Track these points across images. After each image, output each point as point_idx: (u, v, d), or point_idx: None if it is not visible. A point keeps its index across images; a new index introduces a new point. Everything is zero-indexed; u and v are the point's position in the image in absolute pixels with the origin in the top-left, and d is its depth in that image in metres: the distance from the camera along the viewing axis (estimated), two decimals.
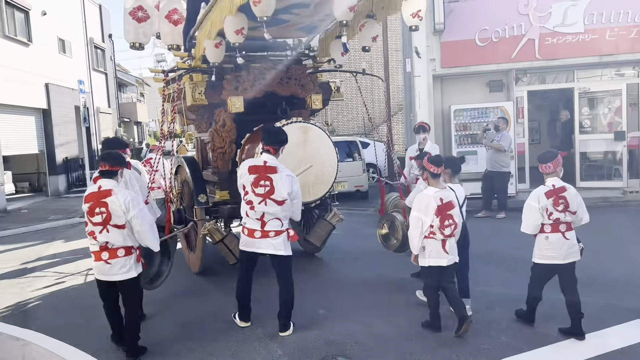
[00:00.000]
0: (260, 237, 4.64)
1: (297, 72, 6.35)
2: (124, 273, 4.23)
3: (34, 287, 6.72)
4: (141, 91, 47.70)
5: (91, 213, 4.14)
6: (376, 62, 23.55)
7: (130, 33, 5.98)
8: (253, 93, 6.05)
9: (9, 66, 14.93)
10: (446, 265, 4.60)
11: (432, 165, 4.58)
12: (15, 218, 12.88)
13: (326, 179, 5.82)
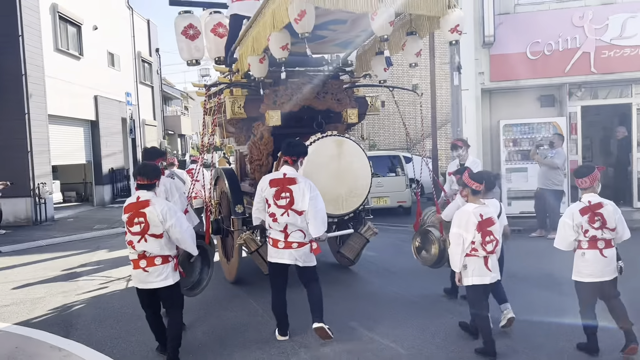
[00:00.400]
0: (284, 248, 4.72)
1: (333, 87, 6.44)
2: (161, 281, 4.30)
3: (78, 295, 6.72)
4: (185, 104, 48.72)
5: (130, 223, 4.24)
6: (423, 74, 23.25)
7: (184, 51, 6.34)
8: (290, 107, 6.18)
9: (61, 79, 15.38)
10: (488, 284, 4.49)
11: (474, 182, 4.51)
12: (62, 226, 13.15)
13: (360, 192, 5.78)
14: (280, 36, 4.94)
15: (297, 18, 4.29)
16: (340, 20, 5.35)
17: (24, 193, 13.27)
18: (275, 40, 4.96)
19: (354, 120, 6.45)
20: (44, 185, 13.67)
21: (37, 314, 6.03)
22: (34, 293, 6.97)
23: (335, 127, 6.42)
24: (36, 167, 13.50)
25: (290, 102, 6.16)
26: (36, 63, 13.78)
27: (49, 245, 10.96)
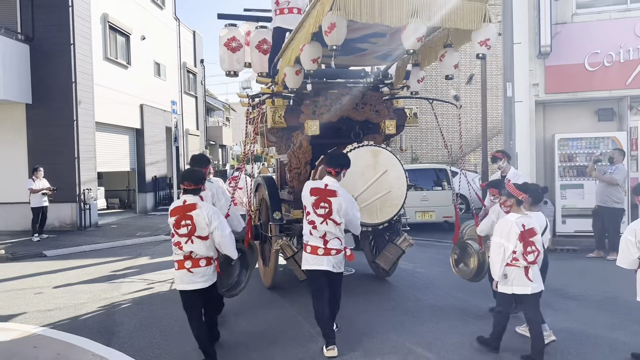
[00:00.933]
0: (323, 255, 4.81)
1: (372, 98, 6.56)
2: (204, 282, 4.50)
3: (120, 302, 6.63)
4: (227, 116, 49.36)
5: (177, 225, 4.41)
6: (462, 85, 22.75)
7: (226, 62, 6.59)
8: (329, 117, 6.32)
9: (109, 87, 15.65)
10: (530, 294, 4.47)
11: (520, 192, 4.51)
12: (106, 232, 13.26)
13: (394, 202, 5.85)
14: (312, 49, 5.10)
15: (327, 30, 4.42)
16: (380, 34, 5.46)
17: (69, 198, 13.46)
18: (307, 53, 5.12)
19: (392, 132, 6.51)
20: (89, 191, 13.86)
21: (79, 320, 5.95)
22: (77, 298, 6.92)
23: (373, 138, 6.50)
24: (82, 173, 13.71)
25: (329, 112, 6.31)
26: (86, 71, 14.05)
27: (92, 250, 11.02)
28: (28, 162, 13.36)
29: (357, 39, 5.54)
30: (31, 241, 11.83)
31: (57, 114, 13.36)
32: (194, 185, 4.52)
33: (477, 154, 22.52)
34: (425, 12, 4.52)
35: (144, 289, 7.37)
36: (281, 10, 6.79)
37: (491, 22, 4.81)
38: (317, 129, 6.16)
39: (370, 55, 6.49)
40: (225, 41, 6.49)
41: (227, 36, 6.50)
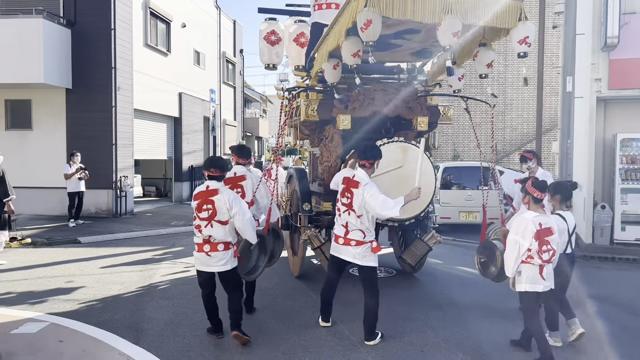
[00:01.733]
0: (343, 244, 4.92)
1: (405, 95, 6.51)
2: (222, 265, 4.68)
3: (151, 296, 6.33)
4: (264, 108, 49.25)
5: (199, 209, 4.61)
6: (496, 83, 21.79)
7: (265, 55, 6.74)
8: (361, 112, 6.34)
9: (148, 74, 15.50)
10: (541, 292, 4.51)
11: (535, 190, 4.48)
12: (141, 221, 13.11)
13: (422, 198, 5.61)
14: (352, 43, 5.14)
15: (362, 27, 4.46)
16: (415, 30, 5.45)
17: (106, 185, 13.36)
18: (347, 47, 5.17)
19: (424, 128, 6.49)
20: (125, 179, 13.73)
21: (108, 313, 5.65)
22: (107, 289, 6.65)
23: (405, 134, 6.47)
24: (119, 160, 13.58)
25: (361, 107, 6.34)
26: (126, 57, 13.90)
27: (126, 239, 10.84)
28: (66, 147, 13.30)
29: (391, 35, 5.58)
30: (67, 227, 11.76)
31: (96, 99, 13.25)
32: (219, 172, 4.71)
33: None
34: (459, 8, 4.52)
35: (176, 283, 7.05)
36: (319, 6, 6.88)
37: (527, 20, 4.80)
38: (348, 123, 6.22)
39: (405, 52, 6.52)
40: (265, 35, 6.58)
41: (267, 30, 6.57)
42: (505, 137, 21.85)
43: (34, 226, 11.74)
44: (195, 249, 4.76)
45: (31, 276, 7.33)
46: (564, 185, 5.02)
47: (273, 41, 6.65)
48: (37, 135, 13.51)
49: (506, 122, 21.98)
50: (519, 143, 21.78)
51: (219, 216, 4.58)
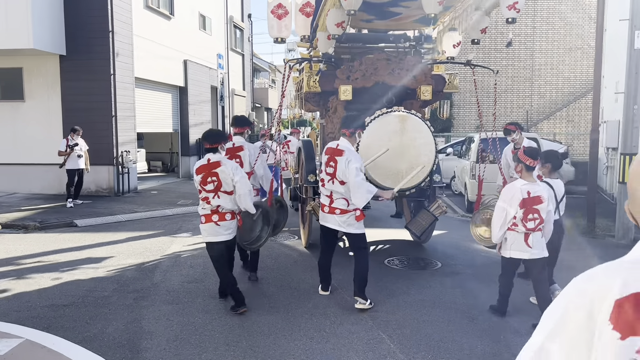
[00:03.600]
0: (328, 213, 5.02)
1: (409, 64, 6.42)
2: (229, 234, 4.85)
3: (152, 300, 5.24)
4: (273, 77, 47.72)
5: (204, 182, 4.72)
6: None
7: (274, 28, 6.64)
8: (363, 83, 6.27)
9: (150, 39, 14.23)
10: (529, 259, 4.56)
11: (528, 158, 4.48)
12: (145, 199, 12.05)
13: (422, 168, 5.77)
14: (337, 13, 5.14)
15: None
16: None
17: (106, 161, 12.26)
18: (332, 17, 5.19)
19: (428, 97, 6.40)
20: (127, 154, 12.61)
21: (98, 326, 4.56)
22: (100, 289, 5.57)
23: (410, 104, 6.41)
24: (120, 133, 12.44)
25: (363, 77, 6.26)
26: (124, 20, 12.62)
27: (128, 221, 9.78)
28: (62, 120, 12.18)
29: (388, 3, 5.49)
30: (64, 207, 10.72)
31: (93, 67, 12.03)
32: (216, 144, 4.80)
33: (552, 122, 20.22)
34: None
35: (182, 280, 5.97)
36: None
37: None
38: (349, 93, 6.19)
39: (408, 19, 6.42)
40: (272, 8, 6.57)
41: (274, 3, 6.55)
42: (533, 104, 20.42)
43: (28, 207, 10.71)
44: (202, 221, 4.85)
45: (11, 272, 6.26)
46: (554, 155, 5.11)
47: (280, 14, 6.63)
48: (30, 106, 12.37)
49: (533, 90, 20.51)
50: (547, 111, 20.37)
51: (224, 187, 4.73)
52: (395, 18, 6.30)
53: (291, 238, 8.14)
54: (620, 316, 1.02)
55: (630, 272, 1.07)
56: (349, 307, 5.03)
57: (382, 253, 7.32)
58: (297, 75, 8.02)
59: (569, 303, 1.10)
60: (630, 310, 1.02)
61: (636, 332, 1.01)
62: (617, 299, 1.04)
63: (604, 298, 1.05)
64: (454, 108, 20.33)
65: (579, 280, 1.13)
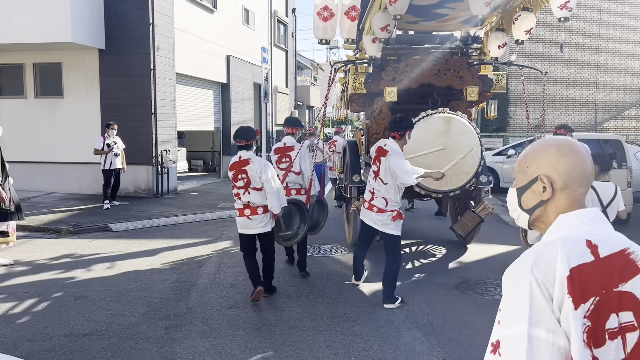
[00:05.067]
0: (367, 209, 5.15)
1: (456, 64, 6.36)
2: (262, 227, 5.06)
3: (185, 330, 4.45)
4: (315, 75, 47.02)
5: (235, 179, 4.99)
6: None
7: (319, 30, 6.69)
8: (408, 84, 6.23)
9: (192, 33, 13.60)
10: None
11: None
12: (184, 201, 11.40)
13: (466, 169, 5.72)
14: (382, 17, 5.18)
15: (391, 0, 4.58)
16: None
17: (145, 160, 11.67)
18: (377, 21, 5.24)
19: (474, 98, 6.34)
20: (167, 153, 12.00)
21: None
22: (127, 314, 4.81)
23: (456, 105, 6.39)
24: (160, 131, 11.83)
25: (409, 78, 6.22)
26: (166, 12, 12.00)
27: (166, 225, 9.12)
28: (101, 117, 11.66)
29: (434, 5, 5.50)
30: (101, 209, 10.18)
31: (133, 61, 11.46)
32: (245, 142, 4.96)
33: (619, 122, 18.63)
34: None
35: (221, 304, 5.17)
36: None
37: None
38: (395, 95, 6.19)
39: (454, 20, 6.39)
40: (319, 10, 6.65)
41: (321, 5, 6.63)
42: (597, 103, 18.88)
43: (64, 208, 10.22)
44: (237, 215, 5.11)
45: (33, 287, 5.60)
46: (603, 156, 5.02)
47: (326, 17, 6.68)
48: (68, 103, 11.91)
49: (598, 86, 18.96)
50: (613, 110, 18.79)
51: (253, 184, 4.93)
52: (442, 19, 6.28)
53: (342, 252, 7.28)
54: (573, 288, 1.18)
55: (567, 248, 1.23)
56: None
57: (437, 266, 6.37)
58: (343, 77, 8.11)
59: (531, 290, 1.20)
60: (577, 281, 1.19)
61: (585, 299, 1.18)
62: (567, 275, 1.19)
63: (554, 278, 1.20)
64: (510, 106, 19.04)
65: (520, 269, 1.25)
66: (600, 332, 1.18)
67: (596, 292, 1.19)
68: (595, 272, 1.20)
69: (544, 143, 1.37)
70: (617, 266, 1.22)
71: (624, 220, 9.19)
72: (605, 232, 1.28)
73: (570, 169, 1.31)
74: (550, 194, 1.32)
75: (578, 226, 1.28)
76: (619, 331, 1.19)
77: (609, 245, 1.25)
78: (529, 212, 1.38)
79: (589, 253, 1.22)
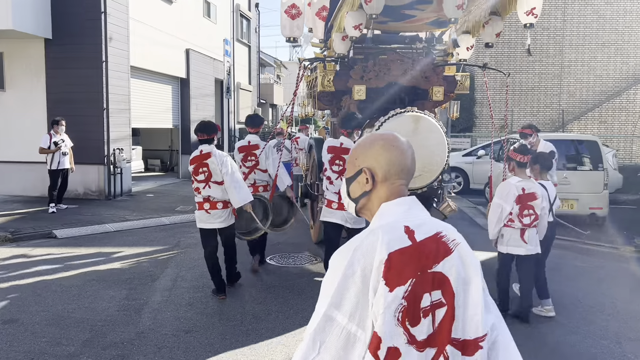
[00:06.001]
0: (337, 209, 5.17)
1: (421, 65, 6.45)
2: (220, 222, 5.10)
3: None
4: (278, 73, 46.28)
5: (196, 172, 5.01)
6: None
7: (286, 28, 6.70)
8: (377, 83, 6.30)
9: (148, 24, 12.76)
10: (524, 255, 4.68)
11: (518, 154, 4.71)
12: (139, 204, 10.59)
13: (434, 168, 5.73)
14: (355, 16, 5.26)
15: (367, 0, 4.60)
16: (427, 0, 5.40)
17: (96, 159, 10.79)
18: (350, 20, 5.31)
19: (439, 98, 6.48)
20: (121, 152, 11.15)
21: None
22: (65, 342, 4.09)
23: (422, 104, 6.46)
24: (112, 128, 10.96)
25: (377, 78, 6.29)
26: (120, 0, 11.14)
27: (118, 231, 8.33)
28: (47, 112, 10.73)
29: (404, 6, 5.57)
30: (45, 212, 9.29)
31: (83, 52, 10.57)
32: (207, 136, 5.04)
33: (583, 123, 18.69)
34: None
35: (178, 326, 4.51)
36: None
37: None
38: (363, 93, 6.23)
39: (421, 22, 6.48)
40: (286, 8, 6.69)
41: (288, 3, 6.66)
42: (562, 104, 18.90)
43: (3, 211, 9.30)
44: (196, 208, 5.12)
45: None
46: (544, 156, 5.24)
47: (294, 14, 6.70)
48: (10, 96, 10.91)
49: (562, 87, 18.99)
50: (577, 111, 18.84)
51: (214, 177, 4.95)
52: (409, 20, 6.35)
53: (313, 261, 6.71)
54: (389, 272, 1.28)
55: (387, 234, 1.33)
56: None
57: None
58: (309, 74, 8.09)
59: (345, 274, 1.30)
60: (394, 265, 1.28)
61: (402, 282, 1.28)
62: (384, 259, 1.29)
63: (372, 263, 1.30)
64: (476, 106, 18.88)
65: (345, 252, 1.35)
66: (416, 311, 1.28)
67: (413, 274, 1.29)
68: (412, 255, 1.30)
69: (372, 138, 1.46)
70: (432, 249, 1.32)
71: (599, 223, 9.12)
72: (421, 218, 1.39)
73: (391, 163, 1.41)
74: (371, 186, 1.42)
75: (398, 213, 1.38)
76: (430, 308, 1.29)
77: (424, 230, 1.35)
78: (355, 201, 1.47)
79: (407, 238, 1.31)
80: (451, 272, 1.31)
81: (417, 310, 1.27)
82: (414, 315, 1.27)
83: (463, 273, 1.33)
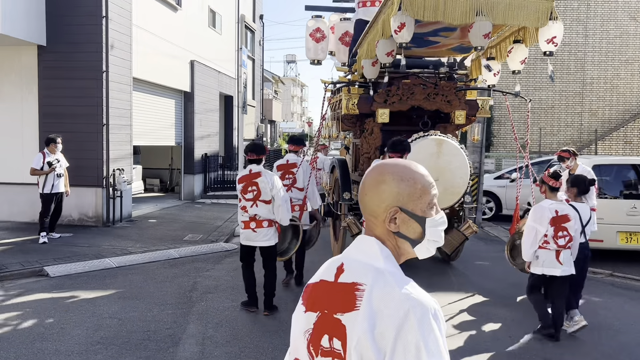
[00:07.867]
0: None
1: (444, 89, 6.51)
2: (266, 240, 5.21)
3: None
4: (275, 89, 45.38)
5: (244, 191, 5.15)
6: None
7: (311, 51, 7.30)
8: (400, 106, 6.45)
9: (152, 32, 11.66)
10: (559, 276, 4.74)
11: (551, 179, 4.82)
12: (142, 232, 9.38)
13: (456, 190, 5.88)
14: (387, 43, 5.43)
15: (396, 29, 4.65)
16: (450, 28, 5.43)
17: (94, 182, 9.60)
18: (382, 47, 5.48)
19: (462, 122, 6.56)
20: (121, 173, 9.96)
21: None
22: None
23: (444, 127, 6.55)
24: (112, 146, 9.79)
25: (400, 101, 6.42)
26: (122, 4, 10.05)
27: (120, 267, 7.13)
28: (39, 128, 9.55)
29: (428, 33, 5.65)
30: (35, 243, 8.08)
31: (80, 61, 9.44)
32: (256, 156, 5.23)
33: (606, 143, 17.76)
34: (489, 9, 4.55)
35: None
36: (364, 3, 7.23)
37: (558, 19, 4.77)
38: (387, 116, 6.38)
39: (444, 47, 6.58)
40: (311, 32, 6.89)
41: (313, 27, 6.85)
42: (583, 123, 17.99)
43: None
44: (241, 227, 5.24)
45: None
46: (582, 180, 5.24)
47: (318, 38, 6.90)
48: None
49: (584, 106, 18.09)
50: (602, 132, 17.91)
51: (263, 196, 5.10)
52: (433, 46, 6.49)
53: None
54: (305, 296, 1.38)
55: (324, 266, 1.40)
56: None
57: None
58: (330, 96, 8.21)
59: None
60: (310, 293, 1.37)
61: (313, 309, 1.33)
62: (307, 284, 1.41)
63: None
64: (493, 124, 17.92)
65: None
66: (316, 345, 1.30)
67: (320, 308, 1.32)
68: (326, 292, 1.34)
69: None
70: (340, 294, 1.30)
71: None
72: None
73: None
74: None
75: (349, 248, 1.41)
76: (329, 352, 1.28)
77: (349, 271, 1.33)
78: None
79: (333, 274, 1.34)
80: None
81: (316, 344, 1.30)
82: (316, 346, 1.30)
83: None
